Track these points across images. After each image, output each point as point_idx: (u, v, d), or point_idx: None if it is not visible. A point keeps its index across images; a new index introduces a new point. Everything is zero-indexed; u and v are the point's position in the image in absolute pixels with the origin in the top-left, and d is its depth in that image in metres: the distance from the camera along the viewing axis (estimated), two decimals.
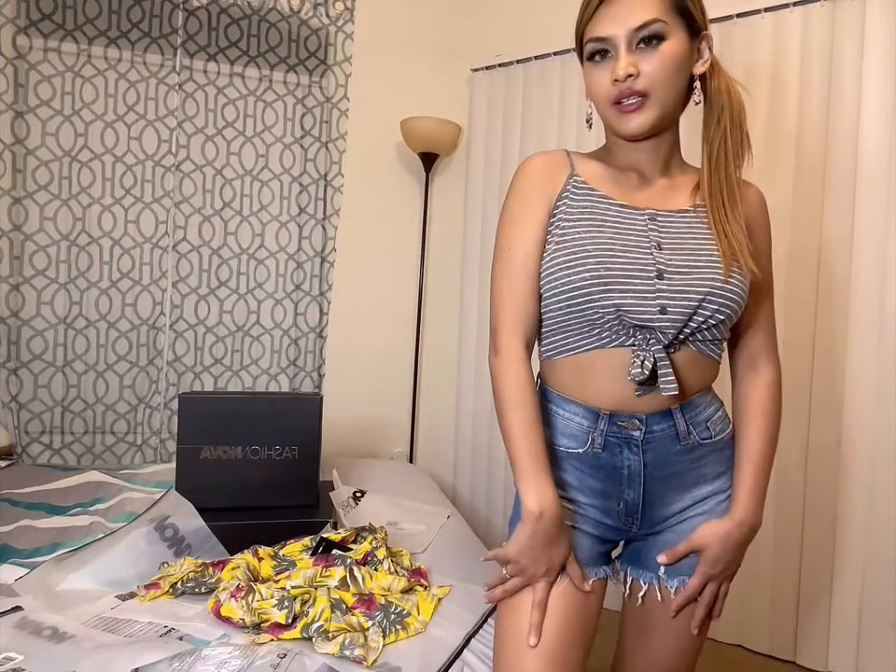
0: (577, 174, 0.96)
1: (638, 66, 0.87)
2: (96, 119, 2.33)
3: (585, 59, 0.95)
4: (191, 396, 1.51)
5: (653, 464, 0.92)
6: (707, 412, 0.95)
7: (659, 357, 0.87)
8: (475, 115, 2.58)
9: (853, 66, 1.82)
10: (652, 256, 0.88)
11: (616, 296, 0.86)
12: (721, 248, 0.89)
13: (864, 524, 1.81)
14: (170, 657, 0.93)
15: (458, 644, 1.03)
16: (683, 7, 0.89)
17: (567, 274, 0.88)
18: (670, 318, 0.87)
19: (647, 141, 0.93)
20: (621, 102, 0.88)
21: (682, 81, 0.91)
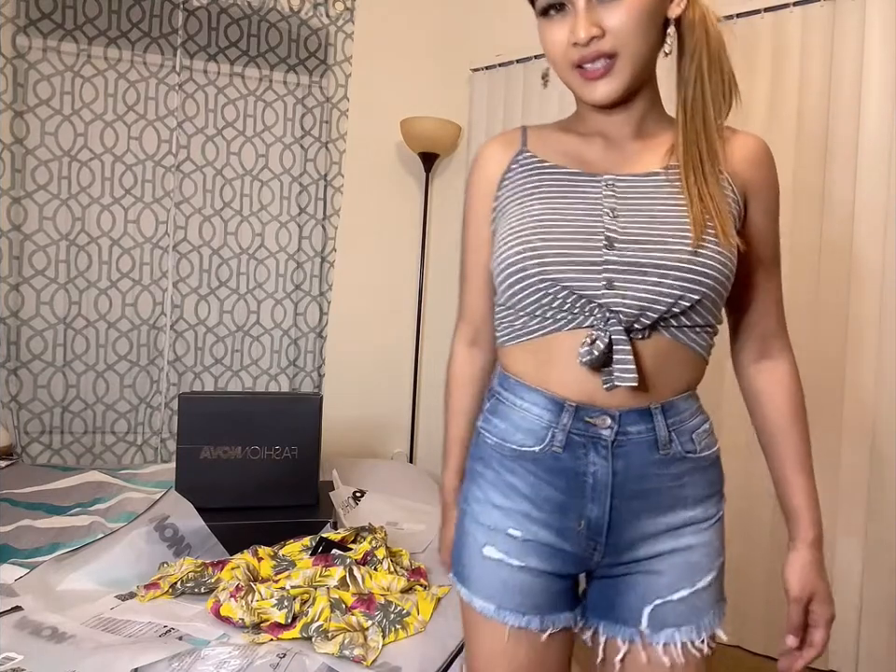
0: (527, 149, 0.86)
1: (602, 23, 0.72)
2: (96, 119, 2.33)
3: (538, 13, 0.79)
4: (192, 396, 1.52)
5: (625, 473, 0.75)
6: (692, 420, 0.79)
7: (616, 339, 0.72)
8: (475, 115, 2.58)
9: (853, 66, 1.82)
10: (602, 223, 0.75)
11: (553, 268, 0.74)
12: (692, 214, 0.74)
13: (864, 523, 1.81)
14: (170, 657, 0.93)
15: (458, 643, 1.03)
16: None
17: (503, 250, 0.78)
18: (620, 294, 0.73)
19: (618, 107, 0.80)
20: (584, 66, 0.75)
21: (656, 30, 0.77)
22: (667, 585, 0.77)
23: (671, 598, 0.77)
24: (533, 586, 0.78)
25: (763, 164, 0.81)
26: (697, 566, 0.78)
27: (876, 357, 1.81)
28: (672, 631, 0.77)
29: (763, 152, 0.81)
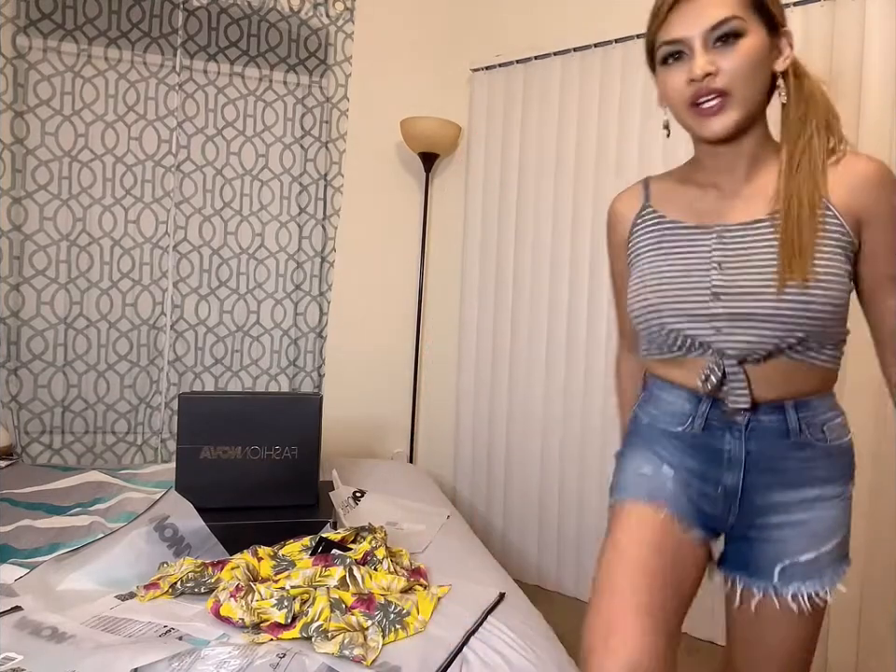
0: (649, 204, 1.01)
1: (717, 64, 0.84)
2: (96, 120, 2.33)
3: (659, 63, 0.91)
4: (191, 396, 1.51)
5: (758, 452, 0.91)
6: (825, 415, 0.92)
7: (730, 371, 0.89)
8: (475, 115, 2.58)
9: (853, 66, 1.82)
10: (709, 277, 0.89)
11: (669, 320, 0.91)
12: (782, 259, 0.84)
13: (864, 523, 1.81)
14: (169, 657, 0.93)
15: (458, 643, 1.03)
16: (760, 2, 0.86)
17: (631, 303, 0.97)
18: (729, 339, 0.88)
19: (730, 143, 0.91)
20: (699, 104, 0.86)
21: (764, 79, 0.88)
22: (795, 549, 0.91)
23: (798, 560, 0.91)
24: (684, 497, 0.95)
25: (875, 187, 0.86)
26: (822, 534, 0.92)
27: None
28: (799, 584, 0.91)
29: (874, 175, 0.87)
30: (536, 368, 2.42)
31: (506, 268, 2.50)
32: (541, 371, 2.41)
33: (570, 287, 2.33)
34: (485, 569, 1.37)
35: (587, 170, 2.28)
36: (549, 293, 2.38)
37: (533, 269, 2.43)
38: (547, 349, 2.38)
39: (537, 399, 2.42)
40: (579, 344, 2.30)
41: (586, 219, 2.29)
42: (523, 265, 2.46)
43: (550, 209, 2.39)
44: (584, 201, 2.29)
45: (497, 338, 2.53)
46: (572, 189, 2.33)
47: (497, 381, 2.52)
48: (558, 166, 2.36)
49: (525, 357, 2.45)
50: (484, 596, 1.20)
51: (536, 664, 1.01)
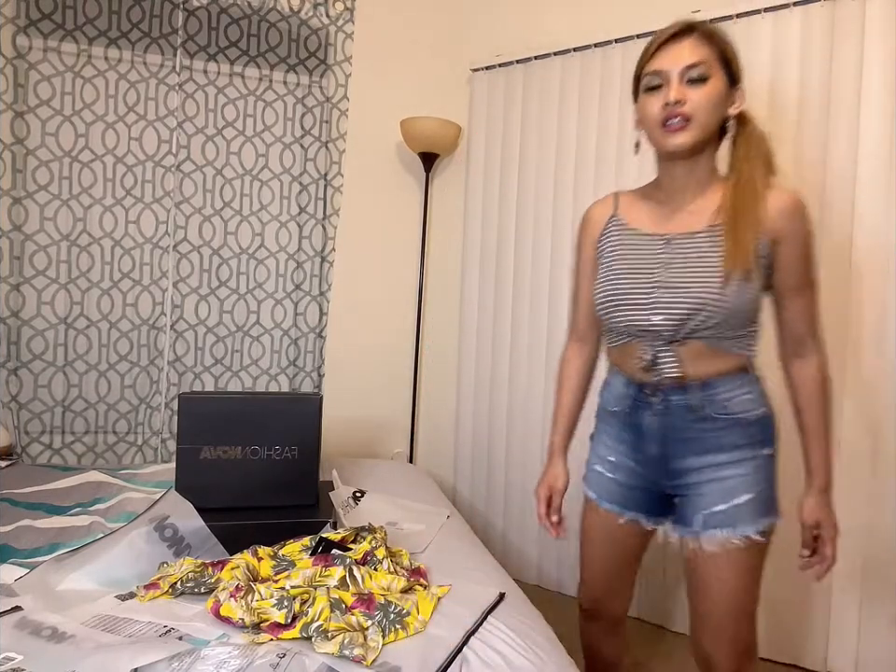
0: (617, 214, 1.25)
1: (686, 95, 1.08)
2: (96, 120, 2.33)
3: (642, 90, 1.14)
4: (191, 396, 1.51)
5: (670, 426, 1.16)
6: (730, 393, 1.13)
7: (660, 351, 1.14)
8: (475, 115, 2.58)
9: (853, 66, 1.82)
10: (652, 275, 1.14)
11: (621, 311, 1.17)
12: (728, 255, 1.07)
13: (864, 524, 1.81)
14: (169, 657, 0.93)
15: (458, 643, 1.03)
16: (725, 58, 1.11)
17: (596, 297, 1.22)
18: (662, 324, 1.12)
19: (685, 161, 1.14)
20: (668, 123, 1.09)
21: (719, 116, 1.12)
22: (710, 503, 1.14)
23: (713, 510, 1.14)
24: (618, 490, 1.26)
25: (790, 218, 1.10)
26: (733, 490, 1.13)
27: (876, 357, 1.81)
28: (714, 531, 1.13)
29: (793, 206, 1.10)
30: (536, 367, 2.42)
31: (506, 268, 2.50)
32: (541, 371, 2.41)
33: None
34: (485, 569, 1.37)
35: (587, 170, 2.28)
36: (549, 293, 2.38)
37: (533, 269, 2.43)
38: (547, 349, 2.38)
39: (537, 399, 2.42)
40: None
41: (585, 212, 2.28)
42: (523, 265, 2.46)
43: (550, 209, 2.39)
44: (584, 200, 2.28)
45: (497, 338, 2.53)
46: (572, 189, 2.33)
47: (497, 381, 2.52)
48: (558, 166, 2.36)
49: (524, 357, 2.45)
50: (484, 596, 1.20)
51: (536, 664, 1.01)
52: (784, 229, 1.10)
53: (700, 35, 1.10)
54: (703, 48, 1.09)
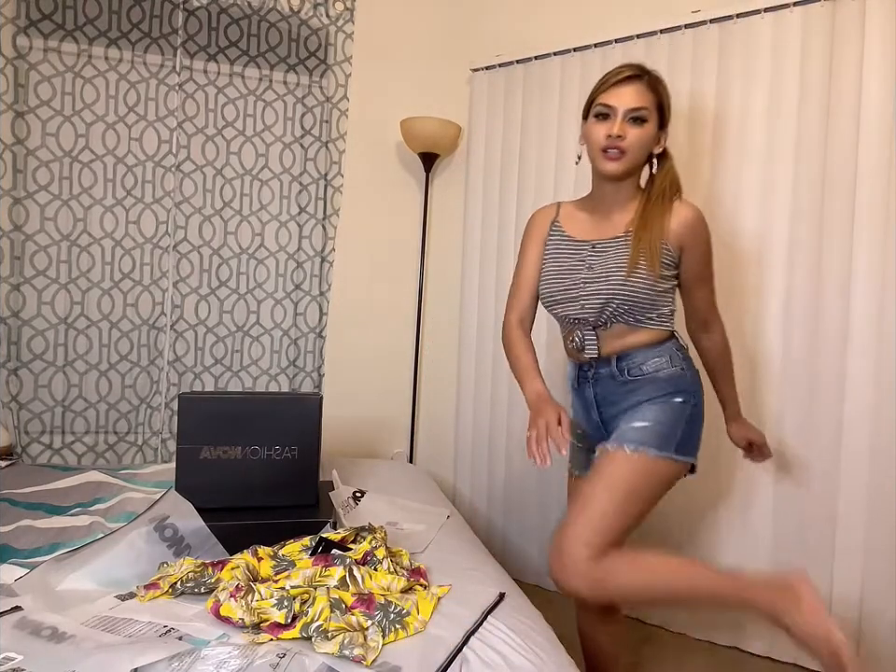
0: (557, 220, 1.51)
1: (626, 132, 1.33)
2: (97, 120, 2.33)
3: (592, 115, 1.38)
4: (192, 396, 1.51)
5: (601, 394, 1.45)
6: (642, 359, 1.40)
7: (586, 334, 1.42)
8: (475, 115, 2.58)
9: (853, 66, 1.82)
10: (579, 274, 1.41)
11: (557, 305, 1.46)
12: (632, 254, 1.35)
13: (864, 524, 1.81)
14: (169, 657, 0.93)
15: (458, 643, 1.03)
16: (661, 106, 1.37)
17: (541, 293, 1.50)
18: (586, 311, 1.40)
19: (616, 182, 1.40)
20: (607, 151, 1.35)
21: (647, 152, 1.39)
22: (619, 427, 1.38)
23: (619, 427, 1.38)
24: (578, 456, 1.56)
25: (691, 228, 1.37)
26: (634, 417, 1.37)
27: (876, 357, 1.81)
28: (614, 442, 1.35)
29: (693, 220, 1.38)
30: None
31: (506, 268, 2.50)
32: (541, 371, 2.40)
33: None
34: (485, 569, 1.37)
35: (587, 169, 2.27)
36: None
37: None
38: (547, 348, 2.38)
39: None
40: None
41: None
42: None
43: None
44: None
45: (498, 338, 2.52)
46: (572, 189, 2.32)
47: (497, 380, 2.52)
48: (558, 166, 2.36)
49: None
50: (484, 596, 1.20)
51: (536, 664, 1.00)
52: (687, 236, 1.36)
53: (647, 82, 1.35)
54: (647, 94, 1.34)
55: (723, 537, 2.02)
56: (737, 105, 1.99)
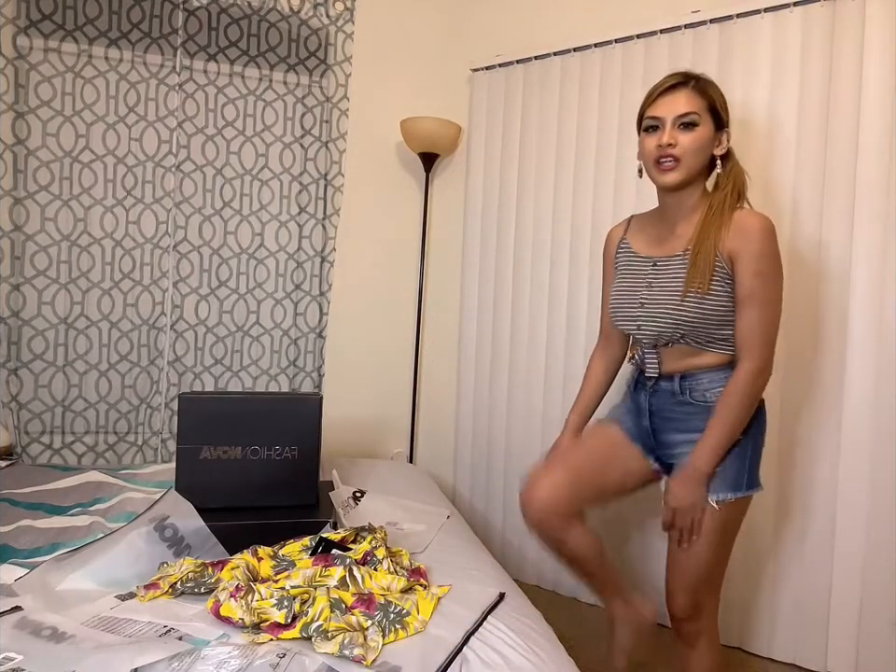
0: (625, 237, 1.50)
1: (677, 139, 1.29)
2: (97, 120, 2.33)
3: (642, 130, 1.36)
4: (192, 396, 1.51)
5: (657, 406, 1.41)
6: (707, 385, 1.34)
7: (647, 353, 1.41)
8: (475, 115, 2.58)
9: (853, 66, 1.82)
10: (639, 293, 1.40)
11: (619, 322, 1.45)
12: (687, 277, 1.30)
13: (864, 524, 1.81)
14: (169, 657, 0.93)
15: (458, 643, 1.03)
16: (714, 108, 1.32)
17: (608, 309, 1.51)
18: (645, 332, 1.38)
19: (677, 192, 1.35)
20: (660, 162, 1.31)
21: (705, 156, 1.33)
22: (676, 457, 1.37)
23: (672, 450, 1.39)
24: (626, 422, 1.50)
25: (745, 239, 1.27)
26: None
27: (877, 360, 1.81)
28: None
29: (754, 230, 1.27)
30: (535, 367, 2.42)
31: (506, 268, 2.50)
32: (541, 371, 2.41)
33: (570, 287, 2.33)
34: (485, 569, 1.37)
35: (587, 170, 2.28)
36: (549, 293, 2.38)
37: (533, 269, 2.43)
38: (547, 349, 2.38)
39: (537, 399, 2.42)
40: (578, 345, 2.30)
41: (586, 219, 2.29)
42: (523, 265, 2.46)
43: (550, 209, 2.39)
44: (584, 200, 2.29)
45: (497, 338, 2.53)
46: (572, 189, 2.33)
47: (497, 381, 2.52)
48: (558, 166, 2.36)
49: (524, 357, 2.45)
50: (484, 596, 1.20)
51: (536, 664, 1.01)
52: (739, 247, 1.27)
53: (693, 87, 1.32)
54: (695, 99, 1.30)
55: None
56: (738, 105, 1.99)
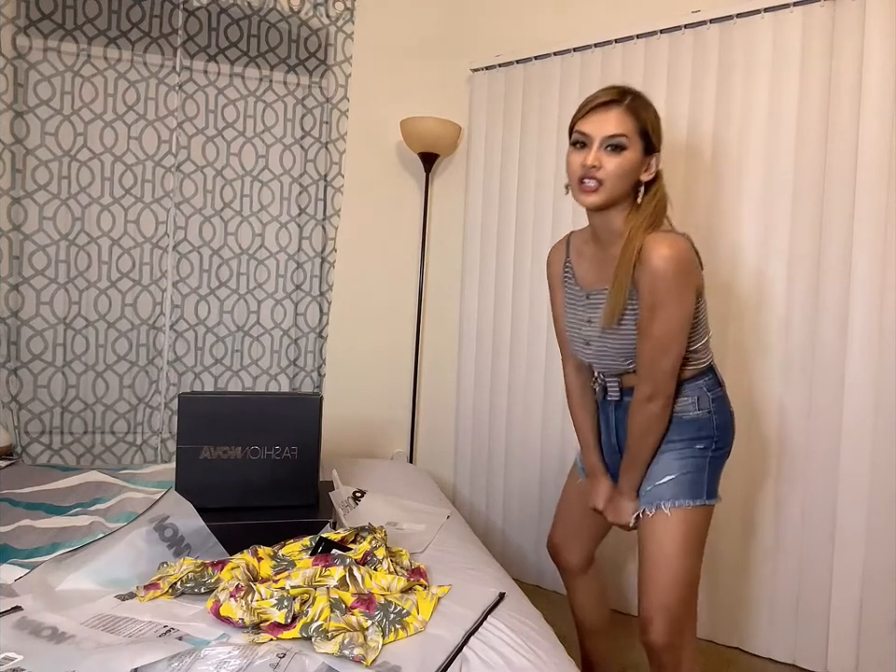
0: (568, 260, 1.44)
1: (602, 162, 1.23)
2: (96, 119, 2.33)
3: (570, 143, 1.29)
4: (191, 396, 1.51)
5: (621, 418, 1.39)
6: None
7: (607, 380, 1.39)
8: (475, 115, 2.58)
9: (853, 66, 1.82)
10: (582, 331, 1.38)
11: (575, 354, 1.44)
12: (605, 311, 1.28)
13: (863, 525, 1.81)
14: (169, 657, 0.93)
15: (458, 643, 1.02)
16: (644, 131, 1.25)
17: None
18: (599, 367, 1.39)
19: (600, 212, 1.30)
20: (583, 181, 1.25)
21: (630, 181, 1.26)
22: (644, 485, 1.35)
23: (645, 488, 1.35)
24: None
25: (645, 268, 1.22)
26: (660, 471, 1.33)
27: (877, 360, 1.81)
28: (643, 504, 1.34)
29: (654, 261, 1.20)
30: (536, 367, 2.42)
31: (506, 268, 2.50)
32: (541, 371, 2.41)
33: None
34: (485, 569, 1.37)
35: None
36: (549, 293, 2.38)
37: (533, 269, 2.43)
38: (547, 349, 2.38)
39: (537, 399, 2.42)
40: None
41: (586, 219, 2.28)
42: (523, 265, 2.46)
43: (549, 209, 2.39)
44: None
45: (498, 338, 2.53)
46: None
47: (497, 380, 2.52)
48: (558, 166, 2.35)
49: (525, 357, 2.45)
50: (484, 596, 1.20)
51: (536, 664, 1.01)
52: (639, 277, 1.23)
53: (627, 107, 1.24)
54: (626, 120, 1.23)
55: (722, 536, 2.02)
56: (738, 105, 1.99)
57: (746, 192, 1.98)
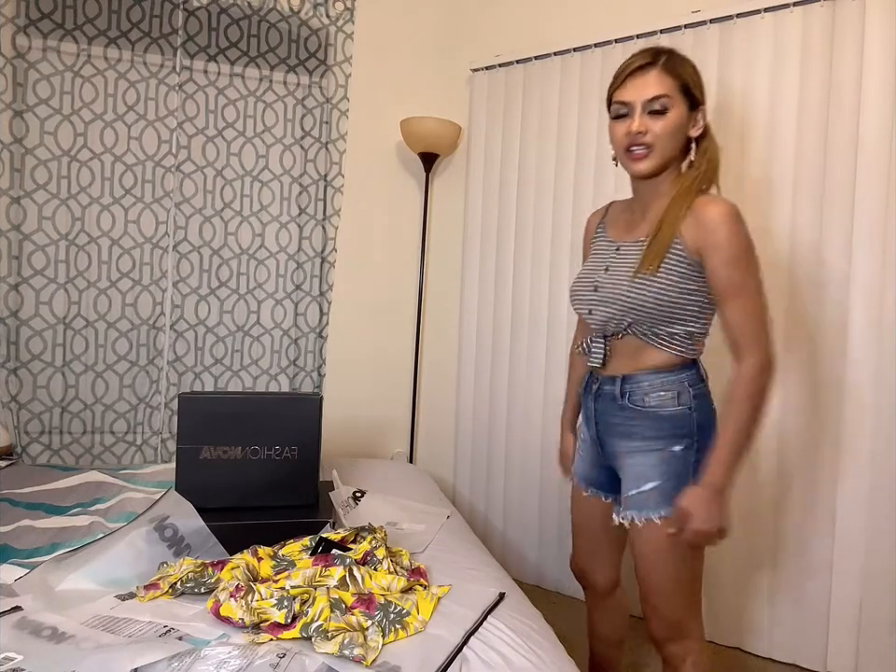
0: (603, 221, 1.41)
1: (647, 126, 1.20)
2: (95, 119, 2.33)
3: (611, 116, 1.26)
4: (192, 396, 1.51)
5: (601, 412, 1.34)
6: (648, 388, 1.25)
7: (594, 341, 1.32)
8: (475, 115, 2.58)
9: (853, 66, 1.82)
10: (595, 276, 1.32)
11: (575, 304, 1.36)
12: (642, 259, 1.22)
13: (864, 524, 1.81)
14: (169, 657, 0.93)
15: (458, 643, 1.02)
16: (686, 87, 1.22)
17: None
18: (595, 318, 1.30)
19: (650, 179, 1.26)
20: (631, 150, 1.22)
21: (679, 140, 1.23)
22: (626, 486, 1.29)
23: (628, 493, 1.28)
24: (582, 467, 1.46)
25: (707, 228, 1.17)
26: (641, 476, 1.26)
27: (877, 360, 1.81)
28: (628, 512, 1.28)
29: (711, 218, 1.17)
30: (536, 367, 2.42)
31: (506, 268, 2.50)
32: (541, 371, 2.41)
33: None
34: (485, 569, 1.37)
35: (587, 169, 2.28)
36: (549, 293, 2.38)
37: (533, 269, 2.43)
38: (547, 349, 2.38)
39: (536, 399, 2.42)
40: None
41: (586, 219, 2.28)
42: (523, 265, 2.46)
43: (550, 209, 2.39)
44: (584, 200, 2.29)
45: (497, 338, 2.53)
46: (572, 189, 2.33)
47: (497, 381, 2.52)
48: (558, 166, 2.36)
49: (524, 357, 2.45)
50: (484, 596, 1.20)
51: (536, 664, 1.00)
52: (705, 239, 1.17)
53: (663, 67, 1.21)
54: (665, 80, 1.20)
55: None
56: (738, 104, 1.99)
57: (745, 191, 1.98)
